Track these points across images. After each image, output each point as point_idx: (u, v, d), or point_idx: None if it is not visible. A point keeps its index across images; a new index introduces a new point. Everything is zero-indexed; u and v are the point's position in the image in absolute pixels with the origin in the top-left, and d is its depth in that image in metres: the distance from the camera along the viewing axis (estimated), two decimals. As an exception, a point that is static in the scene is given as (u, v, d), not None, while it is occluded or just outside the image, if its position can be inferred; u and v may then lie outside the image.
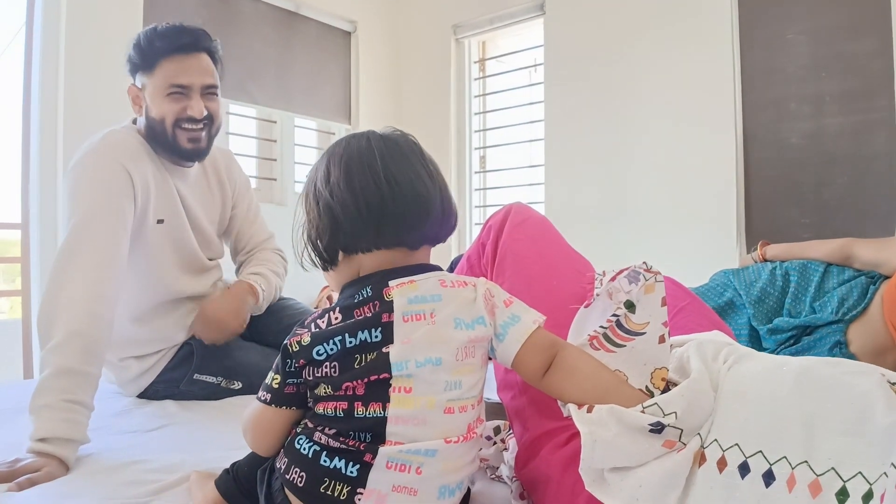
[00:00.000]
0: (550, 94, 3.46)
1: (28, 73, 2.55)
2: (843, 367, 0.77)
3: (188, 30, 1.57)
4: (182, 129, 1.56)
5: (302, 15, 3.58)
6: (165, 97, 1.54)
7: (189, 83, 1.55)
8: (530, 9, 3.54)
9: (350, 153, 0.90)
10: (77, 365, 1.23)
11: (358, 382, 0.80)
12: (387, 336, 0.82)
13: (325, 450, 0.81)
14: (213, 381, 1.66)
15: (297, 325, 0.87)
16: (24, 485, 1.04)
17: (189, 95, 1.56)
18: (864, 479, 0.66)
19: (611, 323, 0.86)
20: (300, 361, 0.83)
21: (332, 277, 0.94)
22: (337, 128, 3.84)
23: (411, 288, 0.85)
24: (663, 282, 0.86)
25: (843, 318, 1.61)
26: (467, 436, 0.85)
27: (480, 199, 3.93)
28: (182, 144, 1.58)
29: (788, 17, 2.74)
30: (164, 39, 1.53)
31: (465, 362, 0.84)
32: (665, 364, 0.85)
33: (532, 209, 1.24)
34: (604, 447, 0.77)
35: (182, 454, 1.19)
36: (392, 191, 0.86)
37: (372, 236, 0.87)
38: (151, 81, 1.55)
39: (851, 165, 2.60)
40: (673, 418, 0.76)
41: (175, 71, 1.53)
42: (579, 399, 0.84)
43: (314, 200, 0.89)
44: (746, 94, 2.85)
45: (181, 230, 1.66)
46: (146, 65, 1.54)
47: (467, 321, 0.85)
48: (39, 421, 1.16)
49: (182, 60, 1.54)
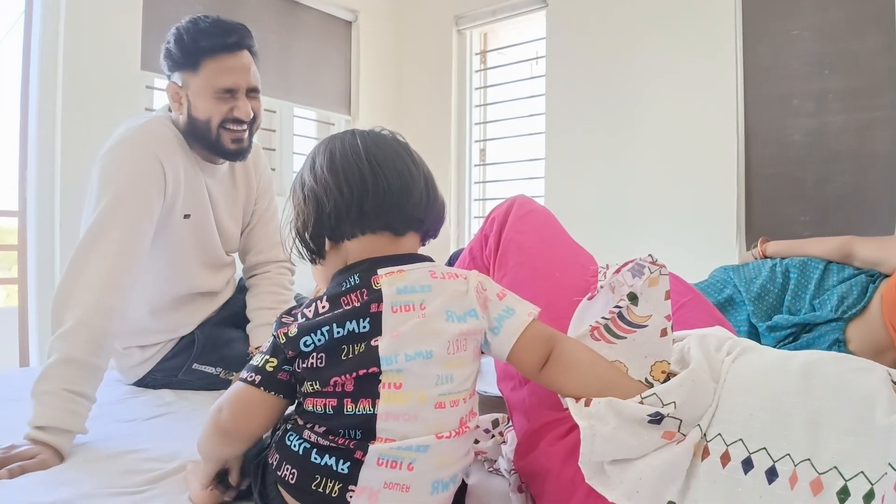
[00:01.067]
0: (552, 88, 3.45)
1: (27, 61, 2.53)
2: (848, 364, 0.77)
3: (232, 27, 1.55)
4: (227, 129, 1.56)
5: (303, 4, 3.56)
6: (212, 99, 1.53)
7: (236, 85, 1.54)
8: (533, 1, 3.52)
9: (335, 143, 0.91)
10: (83, 356, 1.23)
11: (346, 377, 0.79)
12: (375, 327, 0.81)
13: (316, 447, 0.80)
14: (211, 372, 1.66)
15: (284, 313, 0.86)
16: (16, 472, 1.04)
17: (236, 97, 1.55)
18: (865, 479, 0.66)
19: (613, 314, 0.86)
20: (290, 352, 0.82)
21: (321, 272, 0.93)
22: (336, 118, 3.82)
23: (400, 277, 0.84)
24: (668, 275, 0.86)
25: (843, 317, 1.61)
26: (459, 430, 0.84)
27: (480, 193, 3.92)
28: (226, 145, 1.58)
29: (793, 14, 2.73)
30: (210, 38, 1.51)
31: (456, 355, 0.83)
32: (666, 357, 0.84)
33: (536, 202, 1.24)
34: (603, 441, 0.77)
35: (179, 443, 1.19)
36: (374, 171, 0.86)
37: (355, 218, 0.86)
38: (196, 81, 1.52)
39: (853, 163, 2.60)
40: (672, 408, 0.76)
41: (221, 72, 1.52)
42: (578, 392, 0.84)
43: (300, 189, 0.91)
44: (749, 90, 2.84)
45: (206, 226, 1.66)
46: (190, 63, 1.52)
47: (459, 313, 0.84)
48: (40, 407, 1.16)
49: (227, 60, 1.53)
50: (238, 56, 1.55)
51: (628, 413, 0.77)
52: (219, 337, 1.69)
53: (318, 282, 0.95)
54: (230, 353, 1.68)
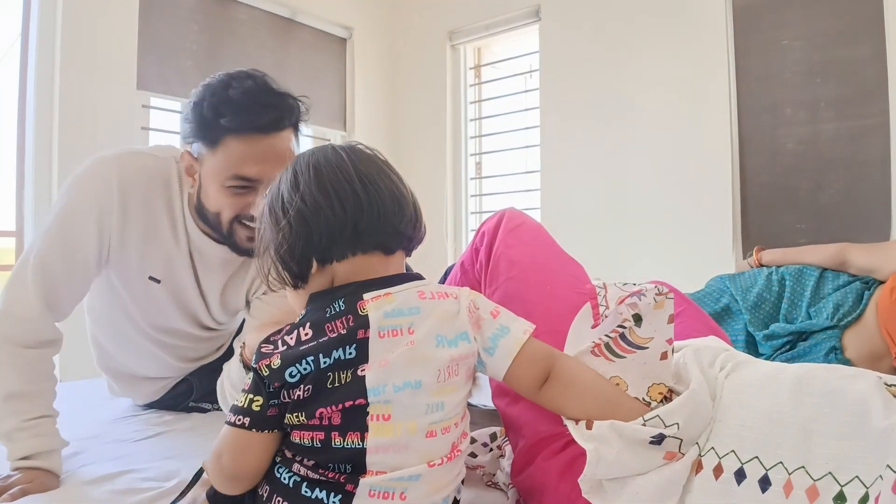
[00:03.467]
0: (546, 100, 3.47)
1: (23, 81, 2.55)
2: (840, 372, 0.77)
3: (269, 103, 1.18)
4: (242, 225, 1.26)
5: (298, 21, 3.58)
6: (226, 188, 1.20)
7: (259, 176, 1.19)
8: (526, 15, 3.55)
9: (318, 159, 0.85)
10: (24, 386, 1.17)
11: (333, 409, 0.76)
12: (361, 353, 0.77)
13: (306, 480, 0.78)
14: (209, 408, 1.64)
15: (262, 342, 0.81)
16: (17, 495, 1.03)
17: (257, 189, 1.21)
18: (861, 483, 0.66)
19: (616, 333, 0.86)
20: (275, 384, 0.78)
21: (299, 297, 0.87)
22: (332, 134, 3.83)
23: (387, 300, 0.80)
24: (673, 299, 0.86)
25: (839, 324, 1.62)
26: (451, 455, 0.82)
27: (476, 206, 3.93)
28: (240, 242, 1.28)
29: (783, 24, 2.76)
30: (236, 116, 1.16)
31: (447, 382, 0.80)
32: (664, 381, 0.84)
33: (526, 214, 1.23)
34: (608, 465, 0.77)
35: (177, 462, 1.18)
36: (366, 189, 0.82)
37: (349, 238, 0.82)
38: (212, 159, 1.20)
39: (846, 171, 2.61)
40: (675, 429, 0.76)
41: (244, 157, 1.17)
42: (580, 411, 0.84)
43: (281, 212, 0.84)
44: (742, 99, 2.86)
45: (185, 294, 1.43)
46: (207, 138, 1.19)
47: (449, 337, 0.81)
48: (13, 443, 1.13)
49: (257, 143, 1.17)
50: (273, 139, 1.19)
51: (630, 435, 0.77)
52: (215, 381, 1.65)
53: (296, 307, 0.89)
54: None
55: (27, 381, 1.18)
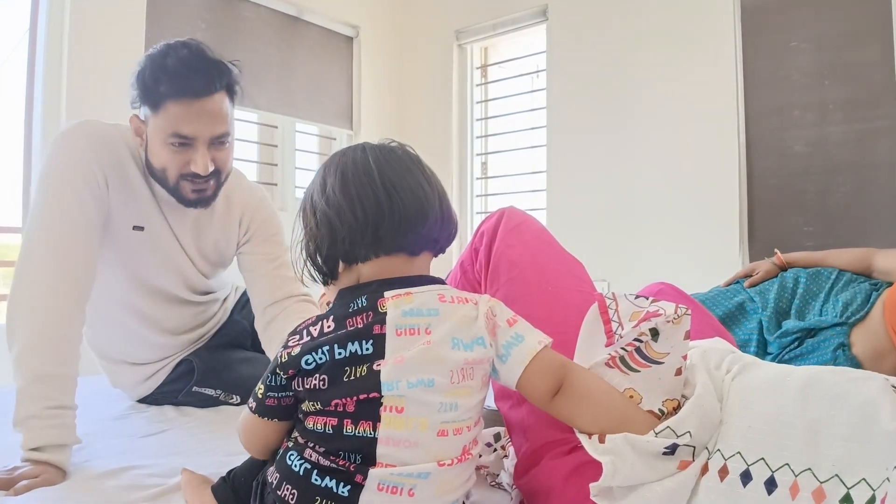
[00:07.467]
0: (552, 101, 3.46)
1: (31, 79, 2.56)
2: (847, 375, 0.77)
3: (201, 69, 1.33)
4: (187, 180, 1.39)
5: (304, 20, 3.59)
6: (166, 145, 1.35)
7: (194, 134, 1.34)
8: (533, 15, 3.55)
9: (346, 162, 0.88)
10: (51, 369, 1.20)
11: (347, 400, 0.78)
12: (378, 349, 0.79)
13: (316, 468, 0.79)
14: (211, 394, 1.65)
15: (290, 333, 0.85)
16: (21, 490, 1.03)
17: (194, 146, 1.35)
18: (867, 486, 0.66)
19: (632, 347, 0.85)
20: (289, 371, 0.81)
21: (331, 292, 0.92)
22: (338, 133, 3.84)
23: (407, 300, 0.82)
24: (690, 316, 0.85)
25: (847, 321, 1.62)
26: (462, 458, 0.82)
27: (482, 206, 3.92)
28: (186, 195, 1.42)
29: (792, 26, 2.75)
30: (172, 82, 1.30)
31: (461, 385, 0.81)
32: (677, 397, 0.84)
33: (525, 213, 1.22)
34: (624, 478, 0.77)
35: (181, 459, 1.18)
36: (389, 194, 0.84)
37: (370, 242, 0.84)
38: (154, 122, 1.35)
39: (855, 173, 2.60)
40: (688, 437, 0.76)
41: (181, 117, 1.32)
42: (592, 423, 0.84)
43: (311, 213, 0.88)
44: (750, 101, 2.85)
45: (167, 242, 1.53)
46: (150, 102, 1.34)
47: (466, 341, 0.82)
48: (28, 432, 1.14)
49: (191, 105, 1.32)
50: (206, 100, 1.34)
51: (643, 447, 0.77)
52: (217, 361, 1.66)
53: (331, 298, 0.93)
54: (230, 377, 1.66)
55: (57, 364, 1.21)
